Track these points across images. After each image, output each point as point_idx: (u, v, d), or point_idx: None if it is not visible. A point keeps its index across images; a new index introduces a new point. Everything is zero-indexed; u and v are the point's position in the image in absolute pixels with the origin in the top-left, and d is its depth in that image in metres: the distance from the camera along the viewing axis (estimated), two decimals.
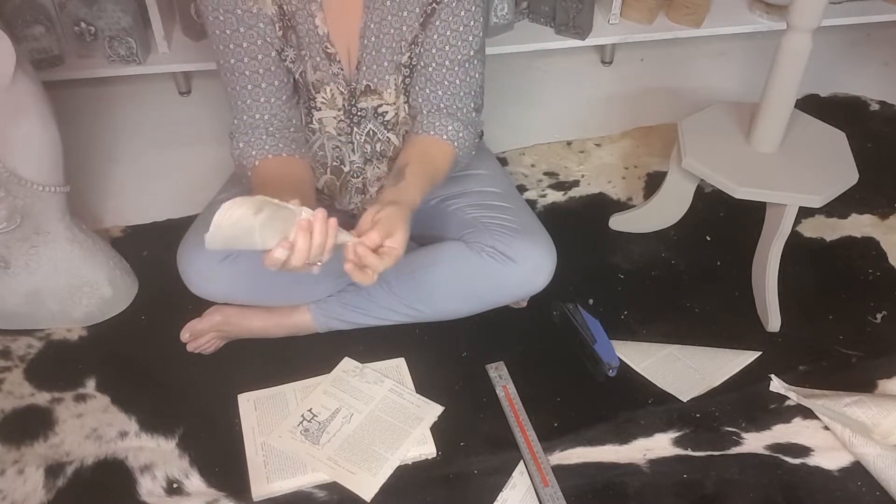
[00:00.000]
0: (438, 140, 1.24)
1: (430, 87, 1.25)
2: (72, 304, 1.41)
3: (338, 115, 1.29)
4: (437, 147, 1.24)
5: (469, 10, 1.20)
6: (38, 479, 1.20)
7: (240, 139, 1.22)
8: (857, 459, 1.24)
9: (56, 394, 1.32)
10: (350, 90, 1.26)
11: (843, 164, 1.42)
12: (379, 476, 1.20)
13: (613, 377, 1.34)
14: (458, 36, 1.21)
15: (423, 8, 1.20)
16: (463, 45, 1.22)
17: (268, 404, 1.30)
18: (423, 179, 1.18)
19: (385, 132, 1.31)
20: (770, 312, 1.44)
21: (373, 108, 1.28)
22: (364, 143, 1.32)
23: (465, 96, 1.26)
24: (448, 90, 1.25)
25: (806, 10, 1.27)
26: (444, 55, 1.22)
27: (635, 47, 2.14)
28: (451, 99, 1.26)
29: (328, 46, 1.21)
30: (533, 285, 1.30)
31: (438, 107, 1.26)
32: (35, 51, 1.82)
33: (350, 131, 1.30)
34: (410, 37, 1.22)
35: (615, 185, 1.77)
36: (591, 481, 1.21)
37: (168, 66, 1.92)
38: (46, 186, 1.31)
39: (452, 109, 1.26)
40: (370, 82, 1.25)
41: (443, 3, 1.19)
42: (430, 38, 1.22)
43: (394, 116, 1.30)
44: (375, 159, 1.35)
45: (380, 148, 1.33)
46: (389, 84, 1.26)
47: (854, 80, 2.09)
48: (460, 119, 1.26)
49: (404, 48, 1.23)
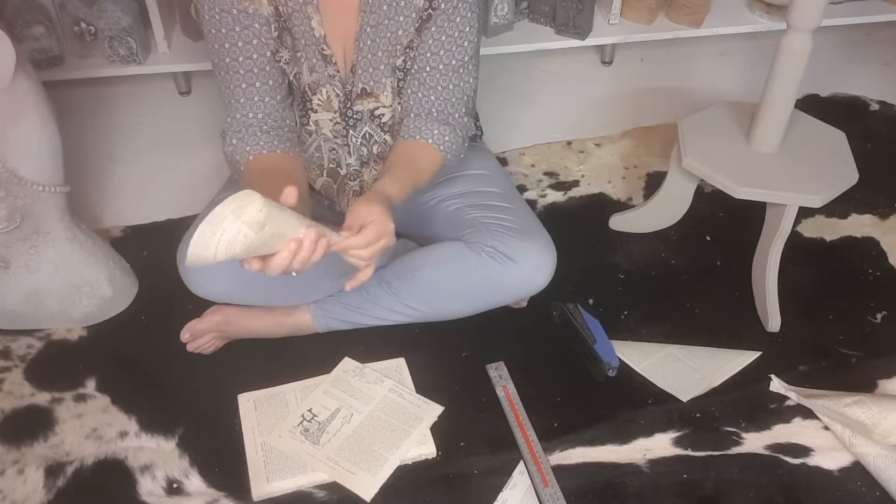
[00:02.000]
0: (424, 144, 1.25)
1: (423, 91, 1.25)
2: (72, 304, 1.41)
3: (333, 118, 1.29)
4: (422, 151, 1.25)
5: (465, 16, 1.20)
6: (37, 480, 1.20)
7: (232, 136, 1.22)
8: (857, 459, 1.24)
9: (56, 394, 1.32)
10: (346, 92, 1.26)
11: (843, 165, 1.42)
12: (379, 476, 1.20)
13: (613, 377, 1.34)
14: (452, 41, 1.22)
15: (419, 13, 1.20)
16: (458, 51, 1.23)
17: (268, 404, 1.30)
18: (404, 179, 1.19)
19: (382, 134, 1.31)
20: (770, 312, 1.44)
21: (369, 110, 1.28)
22: (360, 146, 1.32)
23: (458, 101, 1.27)
24: (441, 95, 1.25)
25: (806, 10, 1.27)
26: (438, 59, 1.23)
27: (635, 47, 2.14)
28: (443, 104, 1.26)
29: (324, 48, 1.21)
30: (533, 285, 1.30)
31: (430, 111, 1.26)
32: (35, 51, 1.82)
33: (346, 133, 1.30)
34: (406, 40, 1.22)
35: (615, 185, 1.77)
36: (591, 481, 1.21)
37: (168, 66, 1.92)
38: (46, 186, 1.31)
39: (444, 115, 1.26)
40: (366, 85, 1.25)
41: (439, 10, 1.19)
42: (426, 42, 1.22)
43: (390, 118, 1.30)
44: (372, 161, 1.35)
45: (376, 150, 1.33)
46: (386, 87, 1.26)
47: (854, 80, 2.09)
48: (450, 124, 1.27)
49: (399, 51, 1.23)
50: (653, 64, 2.16)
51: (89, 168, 1.77)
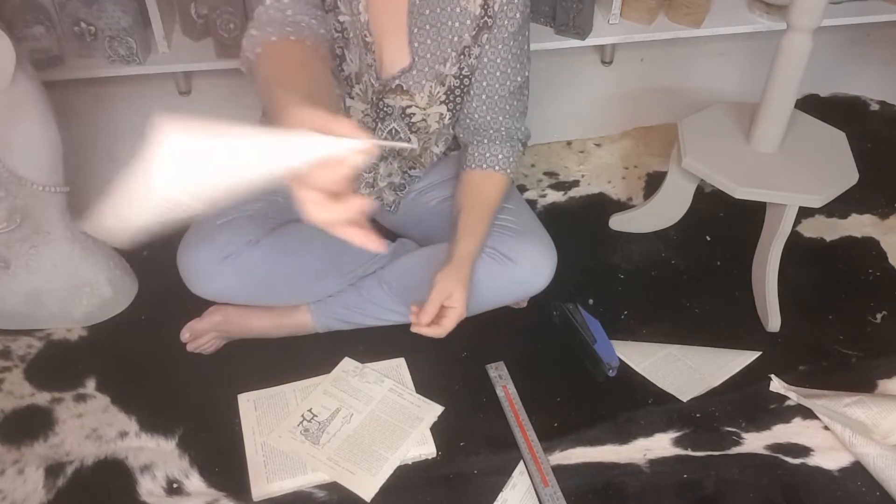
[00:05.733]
0: (492, 174, 1.29)
1: (492, 114, 1.28)
2: (72, 304, 1.41)
3: (365, 109, 1.27)
4: (489, 181, 1.29)
5: (524, 33, 1.24)
6: (38, 480, 1.20)
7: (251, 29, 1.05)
8: (857, 459, 1.24)
9: (56, 394, 1.32)
10: (381, 84, 1.24)
11: (843, 164, 1.42)
12: (379, 476, 1.20)
13: (613, 377, 1.34)
14: (516, 59, 1.25)
15: (476, 21, 1.20)
16: (521, 69, 1.27)
17: (268, 404, 1.30)
18: (476, 222, 1.24)
19: (408, 132, 1.30)
20: (770, 312, 1.44)
21: (401, 107, 1.27)
22: (384, 140, 1.30)
23: (521, 116, 1.31)
24: (508, 114, 1.29)
25: (806, 10, 1.27)
26: (505, 77, 1.25)
27: (635, 47, 2.13)
28: (510, 121, 1.29)
29: (367, 35, 1.19)
30: (533, 286, 1.30)
31: (499, 131, 1.29)
32: (35, 51, 1.82)
33: (374, 126, 1.29)
34: (460, 47, 1.22)
35: (615, 185, 1.77)
36: (591, 481, 1.21)
37: (168, 66, 1.92)
38: (46, 186, 1.31)
39: (511, 133, 1.30)
40: (403, 82, 1.24)
41: (497, 23, 1.20)
42: (493, 61, 1.23)
43: (421, 120, 1.29)
44: (391, 157, 1.34)
45: (398, 147, 1.32)
46: (424, 88, 1.25)
47: (854, 80, 2.09)
48: (512, 140, 1.31)
49: (453, 59, 1.22)
50: (653, 64, 2.16)
51: (89, 168, 1.77)
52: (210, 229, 1.26)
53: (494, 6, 1.19)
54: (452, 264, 1.20)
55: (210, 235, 1.25)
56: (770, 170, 1.39)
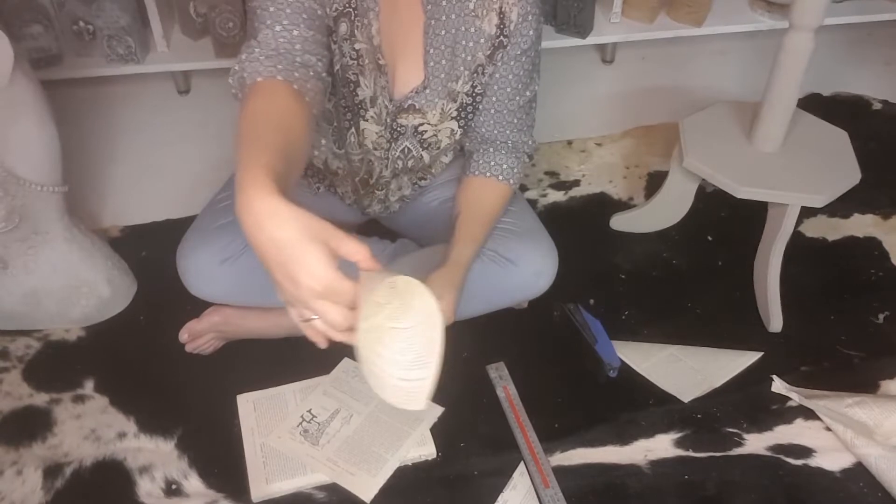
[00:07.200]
0: (494, 182, 1.29)
1: (499, 128, 1.28)
2: (70, 305, 1.40)
3: (380, 131, 1.26)
4: (491, 189, 1.29)
5: (536, 49, 1.24)
6: (36, 481, 1.20)
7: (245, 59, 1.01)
8: (859, 460, 1.24)
9: (54, 394, 1.32)
10: (395, 105, 1.24)
11: (846, 164, 1.41)
12: (379, 477, 1.19)
13: (614, 378, 1.34)
14: (527, 75, 1.25)
15: (491, 40, 1.20)
16: (531, 84, 1.27)
17: (267, 405, 1.29)
18: (473, 228, 1.24)
19: (420, 150, 1.30)
20: (772, 313, 1.43)
21: (413, 126, 1.27)
22: (397, 159, 1.31)
23: (528, 129, 1.31)
24: (516, 127, 1.29)
25: (808, 9, 1.27)
26: (515, 93, 1.26)
27: (636, 46, 2.13)
28: (517, 135, 1.30)
29: (380, 58, 1.19)
30: (534, 289, 1.29)
31: (505, 143, 1.29)
32: (33, 50, 1.82)
33: (388, 147, 1.28)
34: (474, 66, 1.22)
35: (616, 184, 1.76)
36: (591, 482, 1.20)
37: (167, 66, 1.91)
38: (44, 186, 1.31)
39: (518, 145, 1.30)
40: (416, 101, 1.23)
41: (511, 42, 1.20)
42: (504, 77, 1.23)
43: (432, 136, 1.28)
44: (404, 174, 1.34)
45: (411, 164, 1.32)
46: (436, 106, 1.24)
47: (856, 79, 2.08)
48: (518, 151, 1.30)
49: (466, 76, 1.22)
50: (654, 63, 2.15)
51: (88, 168, 1.77)
52: (209, 231, 1.25)
53: (510, 25, 1.19)
54: (446, 268, 1.19)
55: (209, 237, 1.25)
56: (772, 169, 1.39)
